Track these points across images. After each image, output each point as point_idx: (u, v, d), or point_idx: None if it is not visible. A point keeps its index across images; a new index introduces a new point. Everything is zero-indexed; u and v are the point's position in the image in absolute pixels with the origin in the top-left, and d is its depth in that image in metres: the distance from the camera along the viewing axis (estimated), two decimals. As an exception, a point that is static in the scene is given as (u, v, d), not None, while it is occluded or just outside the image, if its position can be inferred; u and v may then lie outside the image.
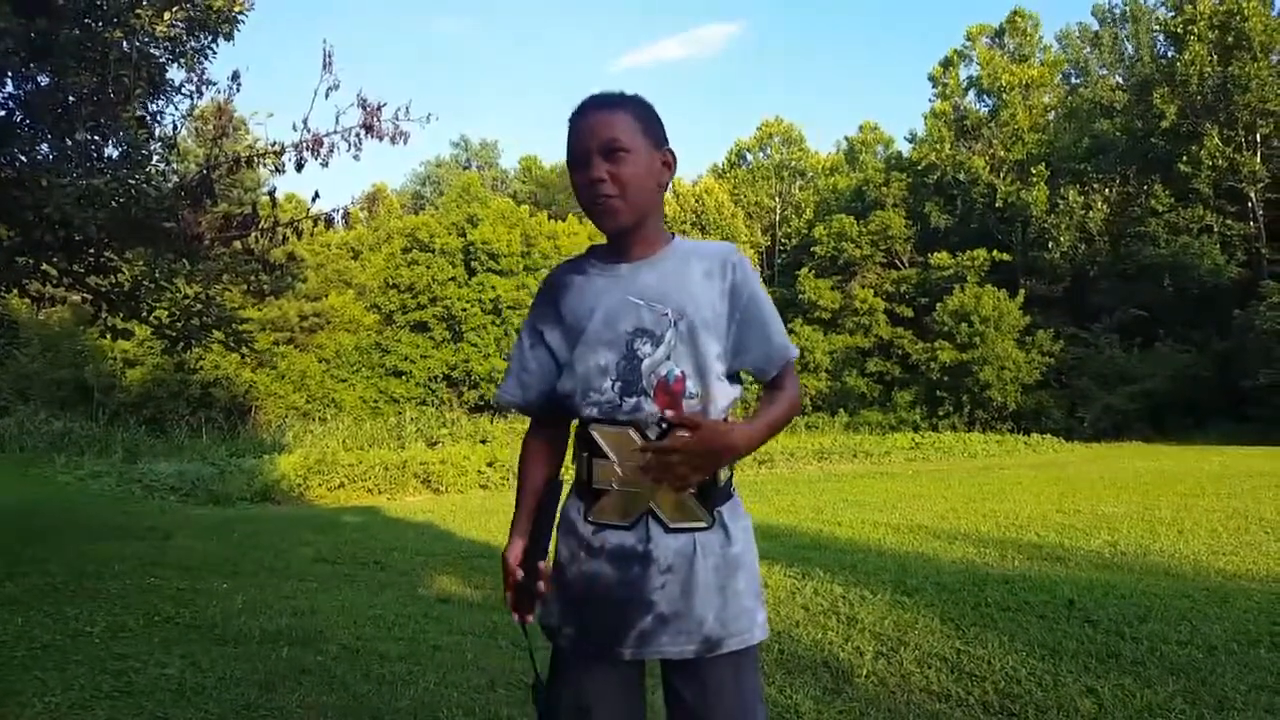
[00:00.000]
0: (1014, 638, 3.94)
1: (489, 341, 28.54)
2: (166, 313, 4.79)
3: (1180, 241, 26.25)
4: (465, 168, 57.26)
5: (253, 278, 4.79)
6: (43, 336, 25.63)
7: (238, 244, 4.61)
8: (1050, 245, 29.56)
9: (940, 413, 28.04)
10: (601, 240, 1.59)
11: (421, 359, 28.86)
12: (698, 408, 1.48)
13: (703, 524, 1.47)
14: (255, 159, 4.37)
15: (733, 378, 1.57)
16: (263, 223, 4.49)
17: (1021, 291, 28.35)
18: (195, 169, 4.46)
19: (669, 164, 1.55)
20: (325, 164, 4.57)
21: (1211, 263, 25.69)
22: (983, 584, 5.01)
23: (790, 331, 32.87)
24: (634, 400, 1.46)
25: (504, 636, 4.16)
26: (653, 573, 1.44)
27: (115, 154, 4.23)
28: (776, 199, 43.43)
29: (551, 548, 1.57)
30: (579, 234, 33.08)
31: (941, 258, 30.65)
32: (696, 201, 39.06)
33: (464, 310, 28.81)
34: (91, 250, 4.12)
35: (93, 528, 7.75)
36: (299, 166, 4.60)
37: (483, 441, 20.21)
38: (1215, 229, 26.69)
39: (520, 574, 1.50)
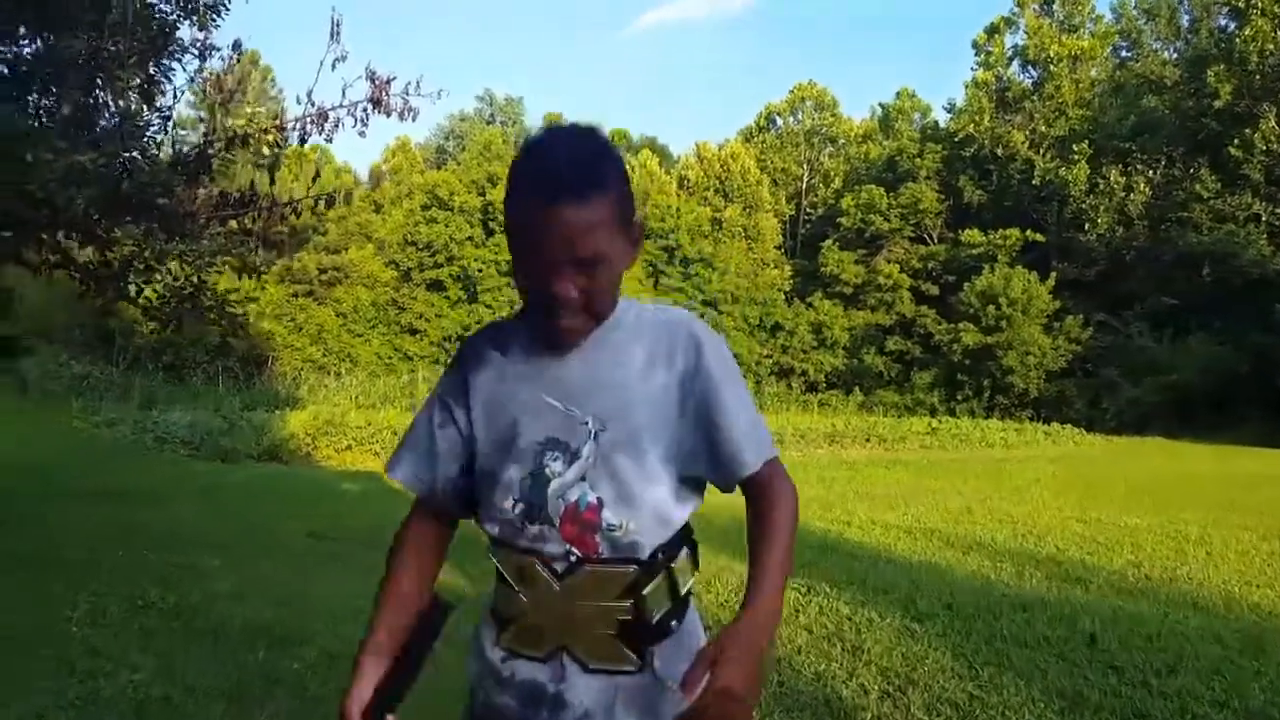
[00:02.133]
0: (1031, 682, 3.71)
1: (503, 304, 28.35)
2: (156, 295, 4.59)
3: (1224, 229, 25.47)
4: (489, 123, 56.68)
5: (249, 257, 4.58)
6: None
7: (234, 223, 4.39)
8: (1087, 227, 28.82)
9: (959, 396, 27.67)
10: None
11: (436, 318, 28.78)
12: (622, 540, 1.19)
13: (627, 667, 1.20)
14: (254, 137, 4.12)
15: (691, 483, 1.25)
16: (261, 201, 4.26)
17: (1053, 275, 27.71)
18: (194, 144, 4.22)
19: (638, 240, 1.22)
20: (329, 139, 4.32)
21: (1256, 253, 24.86)
22: (998, 611, 4.78)
23: (808, 305, 32.60)
24: (536, 529, 1.19)
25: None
26: (564, 718, 1.19)
27: (108, 124, 3.99)
28: (805, 166, 42.66)
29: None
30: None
31: (972, 235, 30.04)
32: (721, 167, 38.41)
33: (479, 271, 28.63)
34: (79, 229, 3.91)
35: (97, 488, 7.69)
36: (302, 141, 4.35)
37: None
38: (1264, 218, 25.78)
39: None
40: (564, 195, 1.09)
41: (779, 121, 44.82)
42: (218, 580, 4.75)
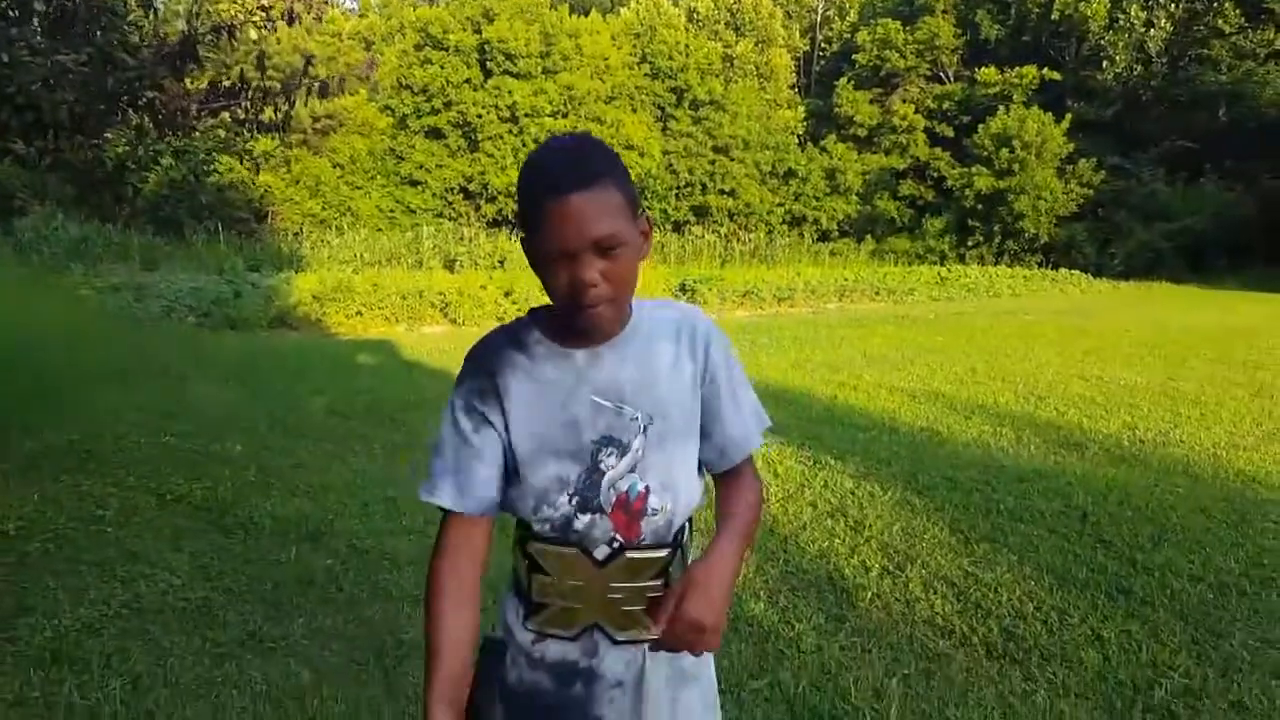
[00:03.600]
0: (1024, 559, 3.92)
1: (506, 152, 27.56)
2: (154, 193, 4.49)
3: (1244, 67, 24.50)
4: (484, -50, 53.33)
5: (244, 147, 4.46)
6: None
7: (226, 114, 4.23)
8: (1104, 65, 27.68)
9: (970, 242, 27.44)
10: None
11: (437, 168, 28.07)
12: (660, 523, 1.30)
13: (653, 634, 1.30)
14: (240, 23, 3.90)
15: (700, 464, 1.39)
16: (251, 92, 4.09)
17: (1068, 115, 26.82)
18: (176, 31, 4.01)
19: (647, 233, 1.28)
20: (319, 18, 4.10)
21: (1275, 92, 24.04)
22: (996, 482, 4.98)
23: (821, 150, 31.77)
24: (588, 518, 1.28)
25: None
26: (599, 689, 1.32)
27: (85, 13, 3.76)
28: (818, -3, 40.45)
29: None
30: (601, 33, 31.22)
31: (988, 73, 28.89)
32: (733, 0, 36.40)
33: (479, 117, 27.66)
34: (66, 130, 3.78)
35: (114, 366, 7.79)
36: (290, 21, 4.14)
37: (500, 263, 20.02)
38: (1286, 55, 24.83)
39: None
40: (571, 185, 1.17)
41: (790, -55, 42.10)
42: (243, 469, 4.88)
